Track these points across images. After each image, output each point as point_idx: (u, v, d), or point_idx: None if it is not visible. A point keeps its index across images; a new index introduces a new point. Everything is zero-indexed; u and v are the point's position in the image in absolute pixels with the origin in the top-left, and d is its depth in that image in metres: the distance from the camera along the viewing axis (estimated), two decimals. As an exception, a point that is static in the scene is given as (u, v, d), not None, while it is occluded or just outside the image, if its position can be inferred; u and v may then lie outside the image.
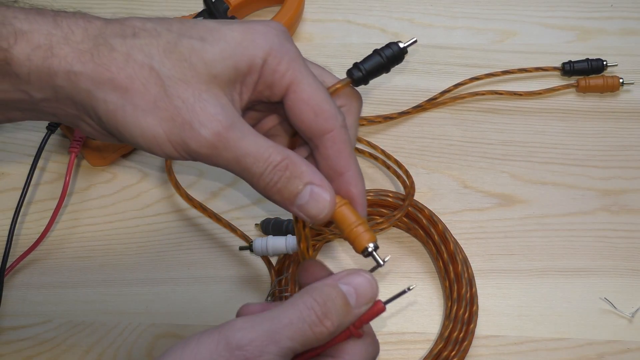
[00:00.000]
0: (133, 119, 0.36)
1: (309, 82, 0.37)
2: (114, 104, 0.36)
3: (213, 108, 0.36)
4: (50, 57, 0.36)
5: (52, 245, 0.57)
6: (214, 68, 0.36)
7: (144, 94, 0.36)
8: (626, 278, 0.55)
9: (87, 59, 0.36)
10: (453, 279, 0.53)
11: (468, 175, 0.59)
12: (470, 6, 0.68)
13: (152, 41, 0.36)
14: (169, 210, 0.58)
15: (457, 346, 0.51)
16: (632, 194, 0.58)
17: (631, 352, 0.52)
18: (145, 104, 0.36)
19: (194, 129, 0.35)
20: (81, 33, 0.37)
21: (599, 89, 0.62)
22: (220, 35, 0.37)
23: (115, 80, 0.36)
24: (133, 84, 0.36)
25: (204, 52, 0.36)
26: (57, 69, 0.36)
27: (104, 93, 0.36)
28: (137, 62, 0.36)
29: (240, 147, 0.36)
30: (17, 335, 0.54)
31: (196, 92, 0.36)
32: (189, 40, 0.36)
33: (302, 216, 0.37)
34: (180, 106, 0.35)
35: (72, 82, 0.36)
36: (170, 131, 0.36)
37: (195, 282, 0.55)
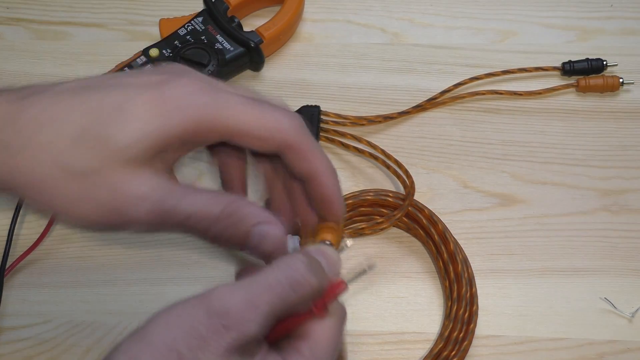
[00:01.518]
0: (66, 211, 0.35)
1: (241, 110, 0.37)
2: (38, 202, 0.35)
3: (138, 188, 0.35)
4: None
5: (52, 245, 0.57)
6: (127, 154, 0.35)
7: (66, 191, 0.35)
8: (626, 278, 0.55)
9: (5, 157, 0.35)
10: (453, 279, 0.53)
11: (468, 175, 0.59)
12: (470, 6, 0.68)
13: (57, 134, 0.35)
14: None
15: (457, 346, 0.51)
16: (632, 194, 0.58)
17: (631, 352, 0.52)
18: (72, 197, 0.35)
19: (129, 214, 0.35)
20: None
21: (599, 88, 0.62)
22: (126, 117, 0.35)
23: (30, 184, 0.35)
24: (49, 184, 0.35)
25: (115, 140, 0.35)
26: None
27: (23, 192, 0.35)
28: (46, 163, 0.35)
29: (178, 213, 0.35)
30: (17, 335, 0.54)
31: (117, 177, 0.35)
32: (97, 127, 0.35)
33: (260, 257, 0.37)
34: (106, 196, 0.35)
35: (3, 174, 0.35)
36: (109, 217, 0.35)
37: (195, 282, 0.55)
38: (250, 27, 0.63)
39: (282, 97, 0.63)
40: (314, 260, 0.35)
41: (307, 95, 0.62)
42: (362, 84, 0.64)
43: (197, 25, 0.63)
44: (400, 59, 0.65)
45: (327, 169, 0.39)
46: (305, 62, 0.65)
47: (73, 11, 0.68)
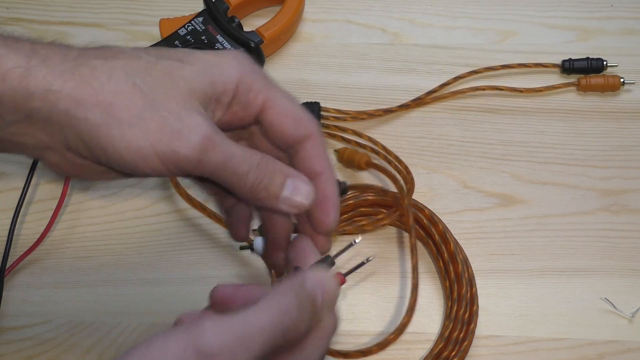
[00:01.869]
0: (118, 133, 0.36)
1: (284, 96, 0.39)
2: (97, 120, 0.36)
3: (198, 116, 0.37)
4: (26, 77, 0.35)
5: (52, 245, 0.57)
6: (193, 83, 0.37)
7: (129, 108, 0.36)
8: (626, 278, 0.55)
9: (68, 78, 0.36)
10: (453, 279, 0.53)
11: (468, 175, 0.59)
12: (470, 6, 0.68)
13: (132, 62, 0.37)
14: (169, 210, 0.58)
15: (457, 346, 0.51)
16: (633, 194, 0.58)
17: (631, 352, 0.52)
18: (130, 117, 0.36)
19: (183, 135, 0.36)
20: (59, 57, 0.37)
21: (599, 88, 0.62)
22: (196, 58, 0.38)
23: (98, 96, 0.36)
24: (116, 98, 0.36)
25: (183, 70, 0.38)
26: (34, 89, 0.35)
27: (85, 111, 0.36)
28: (120, 79, 0.36)
29: (227, 149, 0.37)
30: (17, 336, 0.54)
31: (180, 103, 0.37)
32: (168, 60, 0.38)
33: (288, 209, 0.38)
34: (166, 116, 0.36)
35: (51, 102, 0.36)
36: (157, 142, 0.36)
37: (195, 282, 0.55)
38: (250, 27, 0.63)
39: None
40: (307, 301, 0.34)
41: (307, 95, 0.62)
42: (362, 84, 0.64)
43: (197, 26, 0.63)
44: (400, 59, 0.65)
45: (331, 168, 0.40)
46: (305, 62, 0.65)
47: (73, 11, 0.68)
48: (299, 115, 0.39)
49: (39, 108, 0.36)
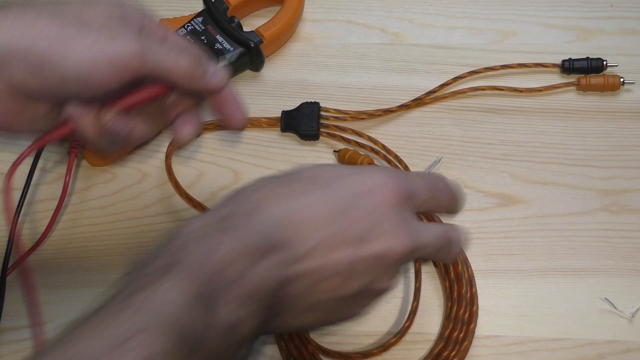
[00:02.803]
0: (68, 49, 0.41)
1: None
2: (45, 44, 0.41)
3: (125, 26, 0.43)
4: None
5: (52, 245, 0.57)
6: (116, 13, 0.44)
7: (66, 31, 0.41)
8: (626, 278, 0.55)
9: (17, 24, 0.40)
10: (453, 279, 0.53)
11: (468, 175, 0.59)
12: (470, 6, 0.68)
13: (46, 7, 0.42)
14: (168, 211, 0.58)
15: (457, 346, 0.51)
16: (633, 194, 0.58)
17: (631, 352, 0.52)
18: (72, 35, 0.41)
19: (123, 38, 0.42)
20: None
21: (599, 87, 0.62)
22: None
23: (39, 27, 0.41)
24: (54, 24, 0.41)
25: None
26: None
27: (30, 39, 0.40)
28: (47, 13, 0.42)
29: (161, 47, 0.44)
30: (17, 336, 0.54)
31: (106, 21, 0.43)
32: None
33: (213, 86, 0.46)
34: (102, 30, 0.42)
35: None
36: (103, 49, 0.41)
37: (195, 282, 0.55)
38: (250, 27, 0.63)
39: (280, 98, 0.63)
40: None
41: (307, 95, 0.62)
42: (362, 84, 0.64)
43: (197, 26, 0.63)
44: (400, 59, 0.65)
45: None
46: (305, 62, 0.65)
47: (73, 11, 0.68)
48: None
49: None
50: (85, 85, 0.42)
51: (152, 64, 0.43)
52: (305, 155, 0.60)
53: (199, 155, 0.61)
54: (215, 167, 0.60)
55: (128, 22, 0.44)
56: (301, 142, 0.61)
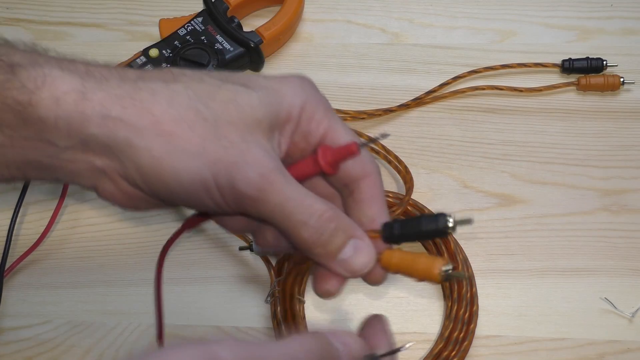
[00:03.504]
0: (180, 165, 0.34)
1: (344, 129, 0.37)
2: (159, 151, 0.34)
3: (259, 151, 0.34)
4: (82, 101, 0.33)
5: (52, 245, 0.57)
6: (257, 112, 0.35)
7: (191, 138, 0.34)
8: (626, 278, 0.55)
9: (127, 104, 0.34)
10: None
11: (468, 175, 0.59)
12: (470, 6, 0.68)
13: (194, 85, 0.35)
14: (169, 211, 0.58)
15: (457, 346, 0.51)
16: (632, 193, 0.58)
17: (631, 352, 0.52)
18: (192, 147, 0.34)
19: (241, 169, 0.34)
20: (116, 80, 0.35)
21: (599, 87, 0.62)
22: (260, 84, 0.36)
23: (160, 125, 0.34)
24: (179, 127, 0.34)
25: (248, 96, 0.35)
26: (90, 113, 0.34)
27: (146, 140, 0.34)
28: (182, 104, 0.34)
29: (285, 191, 0.34)
30: (16, 336, 0.54)
31: (243, 134, 0.34)
32: (232, 85, 0.36)
33: (342, 271, 0.35)
34: (227, 146, 0.34)
35: (109, 129, 0.34)
36: (218, 174, 0.34)
37: (195, 282, 0.55)
38: (250, 27, 0.63)
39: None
40: (328, 354, 0.32)
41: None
42: (362, 84, 0.64)
43: (197, 26, 0.63)
44: (400, 59, 0.65)
45: (386, 212, 0.38)
46: (305, 62, 0.65)
47: (73, 11, 0.68)
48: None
49: (96, 134, 0.34)
50: (192, 204, 0.36)
51: (267, 214, 0.35)
52: (305, 155, 0.60)
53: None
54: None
55: (272, 133, 0.36)
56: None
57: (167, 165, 0.34)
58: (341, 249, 0.35)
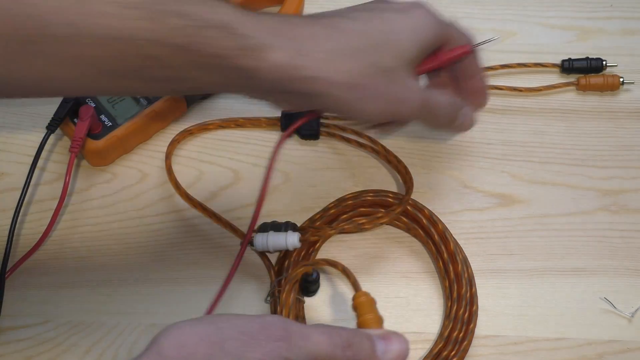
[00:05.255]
0: (360, 106, 0.46)
1: (460, 38, 0.50)
2: (344, 99, 0.45)
3: (415, 83, 0.48)
4: (291, 67, 0.43)
5: (52, 245, 0.57)
6: (412, 53, 0.47)
7: (370, 89, 0.45)
8: (626, 278, 0.55)
9: (322, 65, 0.44)
10: (453, 279, 0.53)
11: (468, 175, 0.59)
12: (470, 6, 0.68)
13: (357, 36, 0.45)
14: (168, 211, 0.58)
15: (457, 346, 0.51)
16: (632, 193, 0.58)
17: (631, 352, 0.52)
18: (370, 94, 0.46)
19: (407, 102, 0.47)
20: (310, 42, 0.44)
21: (599, 87, 0.62)
22: (403, 25, 0.47)
23: (349, 84, 0.45)
24: (363, 81, 0.45)
25: (403, 44, 0.46)
26: (297, 76, 0.43)
27: (337, 92, 0.45)
28: (365, 62, 0.45)
29: (435, 101, 0.49)
30: (16, 336, 0.54)
31: (402, 71, 0.47)
32: (389, 36, 0.46)
33: (456, 130, 0.54)
34: (396, 90, 0.46)
35: (309, 85, 0.44)
36: (388, 109, 0.47)
37: (195, 282, 0.55)
38: (250, 27, 0.63)
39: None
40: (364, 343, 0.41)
41: (307, 95, 0.62)
42: (362, 84, 0.64)
43: (197, 26, 0.63)
44: (400, 59, 0.65)
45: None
46: (305, 62, 0.65)
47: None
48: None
49: (298, 88, 0.44)
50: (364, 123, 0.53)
51: (419, 117, 0.50)
52: (305, 155, 0.60)
53: (199, 155, 0.61)
54: (215, 167, 0.60)
55: (417, 60, 0.48)
56: (301, 142, 0.61)
57: (351, 106, 0.46)
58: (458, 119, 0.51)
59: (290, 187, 0.59)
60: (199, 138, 0.61)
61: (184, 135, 0.61)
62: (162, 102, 0.60)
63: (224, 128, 0.62)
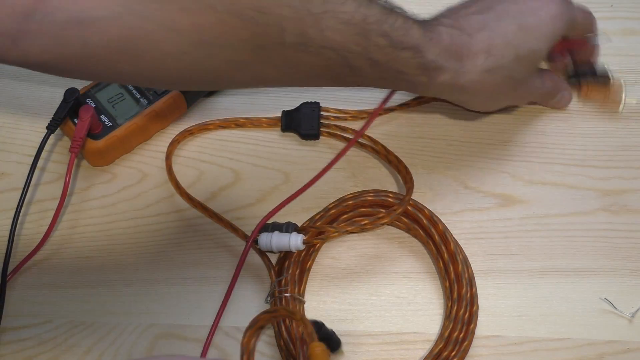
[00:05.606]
0: (488, 106, 0.59)
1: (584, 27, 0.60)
2: (479, 103, 0.58)
3: (538, 82, 0.58)
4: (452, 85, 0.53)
5: (52, 245, 0.57)
6: (543, 56, 0.56)
7: (502, 97, 0.58)
8: (626, 278, 0.55)
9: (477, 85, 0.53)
10: (453, 279, 0.53)
11: (468, 175, 0.59)
12: (470, 6, 0.68)
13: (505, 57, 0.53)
14: (169, 211, 0.58)
15: (457, 346, 0.51)
16: (632, 193, 0.58)
17: (631, 352, 0.52)
18: (500, 99, 0.58)
19: (524, 101, 0.61)
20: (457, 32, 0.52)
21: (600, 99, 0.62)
22: (542, 28, 0.54)
23: (488, 95, 0.56)
24: (499, 92, 0.56)
25: (540, 51, 0.55)
26: (452, 89, 0.53)
27: (476, 99, 0.57)
28: (505, 76, 0.54)
29: (541, 92, 0.60)
30: (17, 336, 0.54)
31: (531, 79, 0.57)
32: (527, 47, 0.54)
33: (556, 105, 0.62)
34: (521, 94, 0.58)
35: (457, 95, 0.56)
36: (506, 105, 0.60)
37: (195, 282, 0.55)
38: (250, 27, 0.63)
39: (280, 98, 0.63)
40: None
41: (307, 95, 0.62)
42: (362, 84, 0.64)
43: (197, 25, 0.63)
44: (400, 59, 0.65)
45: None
46: (305, 62, 0.65)
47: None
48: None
49: (449, 96, 0.57)
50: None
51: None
52: (305, 155, 0.60)
53: (199, 155, 0.61)
54: (216, 167, 0.60)
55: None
56: (301, 142, 0.61)
57: (483, 107, 0.60)
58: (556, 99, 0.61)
59: (290, 187, 0.59)
60: (199, 138, 0.61)
61: (185, 135, 0.61)
62: (162, 102, 0.60)
63: (224, 128, 0.62)
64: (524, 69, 0.55)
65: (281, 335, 0.51)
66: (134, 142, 0.60)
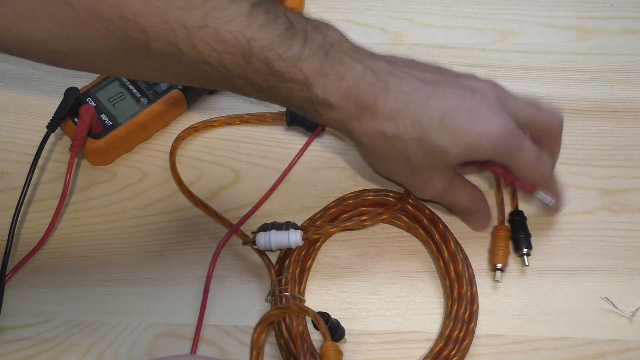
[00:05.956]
0: (376, 168, 0.53)
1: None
2: (351, 144, 0.53)
3: (440, 183, 0.52)
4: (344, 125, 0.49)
5: (52, 244, 0.57)
6: (452, 162, 0.50)
7: (388, 164, 0.51)
8: (626, 277, 0.55)
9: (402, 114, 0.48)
10: (453, 278, 0.53)
11: (467, 175, 0.59)
12: (470, 6, 0.68)
13: (407, 134, 0.49)
14: (169, 210, 0.58)
15: (457, 345, 0.51)
16: (633, 193, 0.58)
17: (631, 352, 0.52)
18: (385, 166, 0.52)
19: (423, 191, 0.53)
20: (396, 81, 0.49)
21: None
22: (457, 135, 0.49)
23: (354, 138, 0.50)
24: (382, 153, 0.50)
25: (448, 154, 0.49)
26: (344, 130, 0.50)
27: (348, 137, 0.51)
28: (379, 141, 0.49)
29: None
30: (17, 335, 0.54)
31: (430, 174, 0.51)
32: (436, 140, 0.48)
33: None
34: (415, 180, 0.52)
35: (348, 137, 0.51)
36: (405, 182, 0.53)
37: (195, 281, 0.55)
38: (250, 26, 0.63)
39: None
40: None
41: (307, 94, 0.62)
42: (363, 84, 0.64)
43: (197, 25, 0.63)
44: (400, 58, 0.65)
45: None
46: (306, 62, 0.65)
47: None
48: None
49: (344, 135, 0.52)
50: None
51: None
52: (305, 155, 0.60)
53: (200, 155, 0.61)
54: (216, 166, 0.60)
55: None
56: (301, 142, 0.61)
57: (366, 161, 0.54)
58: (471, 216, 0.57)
59: (291, 187, 0.59)
60: (199, 137, 0.61)
61: (189, 131, 0.61)
62: (163, 101, 0.60)
63: (229, 125, 0.61)
64: (423, 158, 0.49)
65: (281, 334, 0.51)
66: (135, 142, 0.60)
